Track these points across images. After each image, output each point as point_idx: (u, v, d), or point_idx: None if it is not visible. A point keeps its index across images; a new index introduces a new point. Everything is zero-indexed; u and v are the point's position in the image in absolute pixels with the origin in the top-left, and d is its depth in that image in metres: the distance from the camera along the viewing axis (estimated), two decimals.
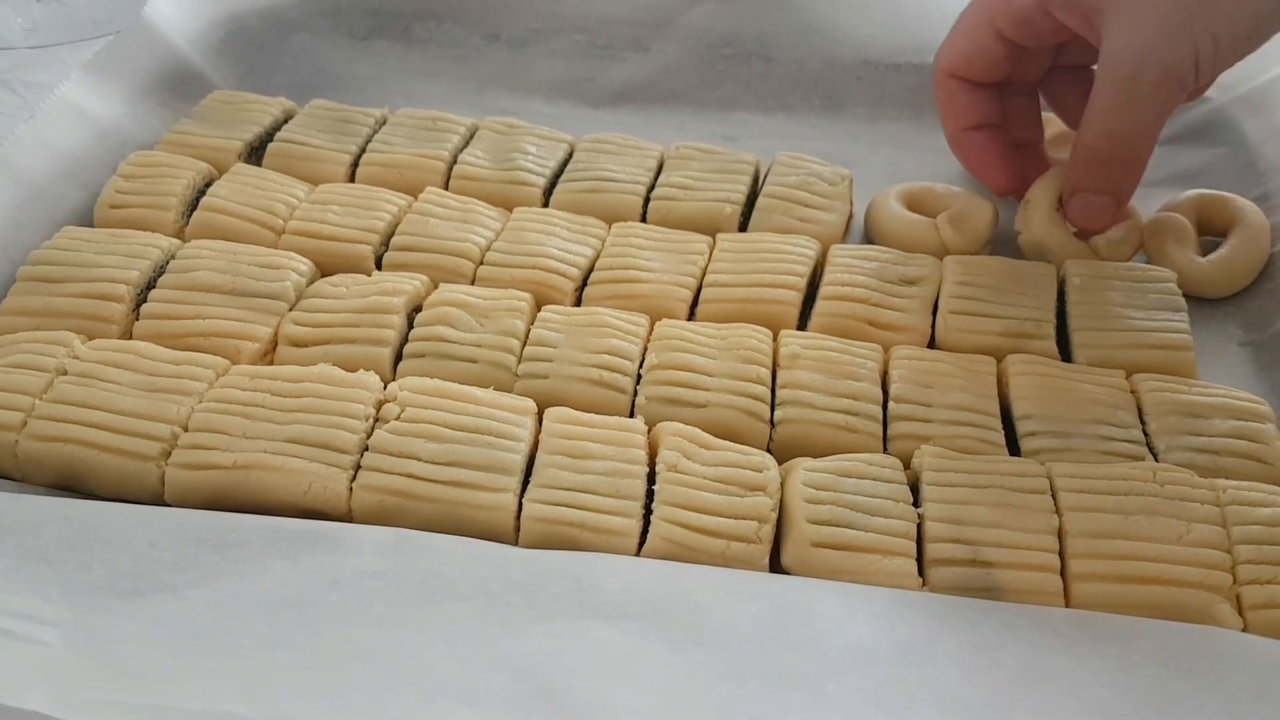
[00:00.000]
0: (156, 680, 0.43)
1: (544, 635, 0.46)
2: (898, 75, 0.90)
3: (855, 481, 0.55)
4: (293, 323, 0.63)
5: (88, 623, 0.45)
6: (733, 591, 0.49)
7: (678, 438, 0.56)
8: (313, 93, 0.85)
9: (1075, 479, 0.55)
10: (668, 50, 0.93)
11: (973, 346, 0.65)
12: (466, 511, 0.53)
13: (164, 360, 0.59)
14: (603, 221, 0.73)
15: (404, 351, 0.62)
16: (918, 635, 0.47)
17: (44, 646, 0.44)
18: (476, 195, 0.74)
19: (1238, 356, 0.69)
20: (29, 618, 0.45)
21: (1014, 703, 0.45)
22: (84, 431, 0.55)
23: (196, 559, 0.49)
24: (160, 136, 0.78)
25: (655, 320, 0.65)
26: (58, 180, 0.72)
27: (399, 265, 0.68)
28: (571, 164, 0.78)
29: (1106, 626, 0.49)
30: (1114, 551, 0.52)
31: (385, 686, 0.43)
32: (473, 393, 0.58)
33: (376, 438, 0.55)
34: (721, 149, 0.80)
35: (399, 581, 0.48)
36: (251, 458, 0.54)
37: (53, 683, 0.43)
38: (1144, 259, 0.74)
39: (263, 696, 0.43)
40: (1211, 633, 0.49)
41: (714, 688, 0.44)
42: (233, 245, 0.67)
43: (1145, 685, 0.46)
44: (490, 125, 0.81)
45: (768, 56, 0.92)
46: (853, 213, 0.77)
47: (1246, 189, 0.78)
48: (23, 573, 0.47)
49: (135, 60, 0.82)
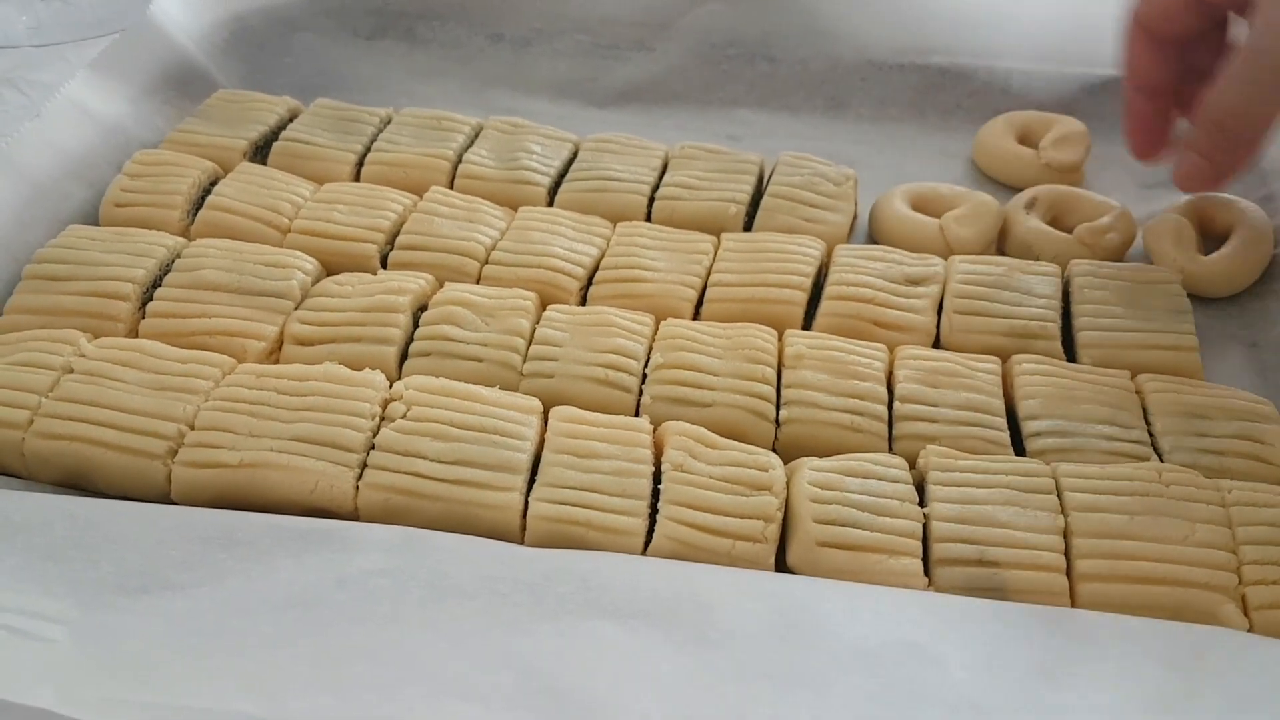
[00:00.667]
0: (164, 678, 0.43)
1: (550, 634, 0.46)
2: (901, 75, 0.90)
3: (861, 481, 0.55)
4: (298, 321, 0.63)
5: (95, 621, 0.45)
6: (739, 591, 0.49)
7: (683, 437, 0.56)
8: (317, 92, 0.85)
9: (1080, 479, 0.55)
10: (671, 50, 0.93)
11: (978, 346, 0.65)
12: (472, 510, 0.53)
13: (170, 359, 0.59)
14: (608, 221, 0.73)
15: (409, 350, 0.62)
16: (924, 635, 0.47)
17: (51, 644, 0.44)
18: (481, 194, 0.74)
19: (1242, 357, 0.69)
20: (36, 615, 0.45)
21: (1020, 703, 0.45)
22: (90, 430, 0.55)
23: (203, 557, 0.49)
24: (165, 135, 0.79)
25: (660, 320, 0.65)
26: (63, 179, 0.72)
27: (404, 264, 0.69)
28: (576, 163, 0.78)
29: (1112, 627, 0.49)
30: (1119, 552, 0.52)
31: (392, 685, 0.43)
32: (478, 392, 0.58)
33: (382, 436, 0.55)
34: (726, 149, 0.80)
35: (405, 580, 0.48)
36: (258, 456, 0.54)
37: (60, 680, 0.43)
38: (1146, 261, 0.74)
39: (270, 695, 0.43)
40: (1217, 633, 0.49)
41: (720, 687, 0.44)
42: (238, 244, 0.67)
43: (1151, 685, 0.46)
44: (495, 125, 0.81)
45: (772, 57, 0.92)
46: (857, 213, 0.77)
47: (1249, 191, 0.78)
48: (30, 571, 0.47)
49: (140, 59, 0.82)
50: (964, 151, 0.87)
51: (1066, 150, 0.81)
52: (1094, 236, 0.73)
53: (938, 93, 0.90)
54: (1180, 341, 0.65)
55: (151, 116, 0.81)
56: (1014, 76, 0.89)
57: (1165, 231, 0.74)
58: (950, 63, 0.90)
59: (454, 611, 0.47)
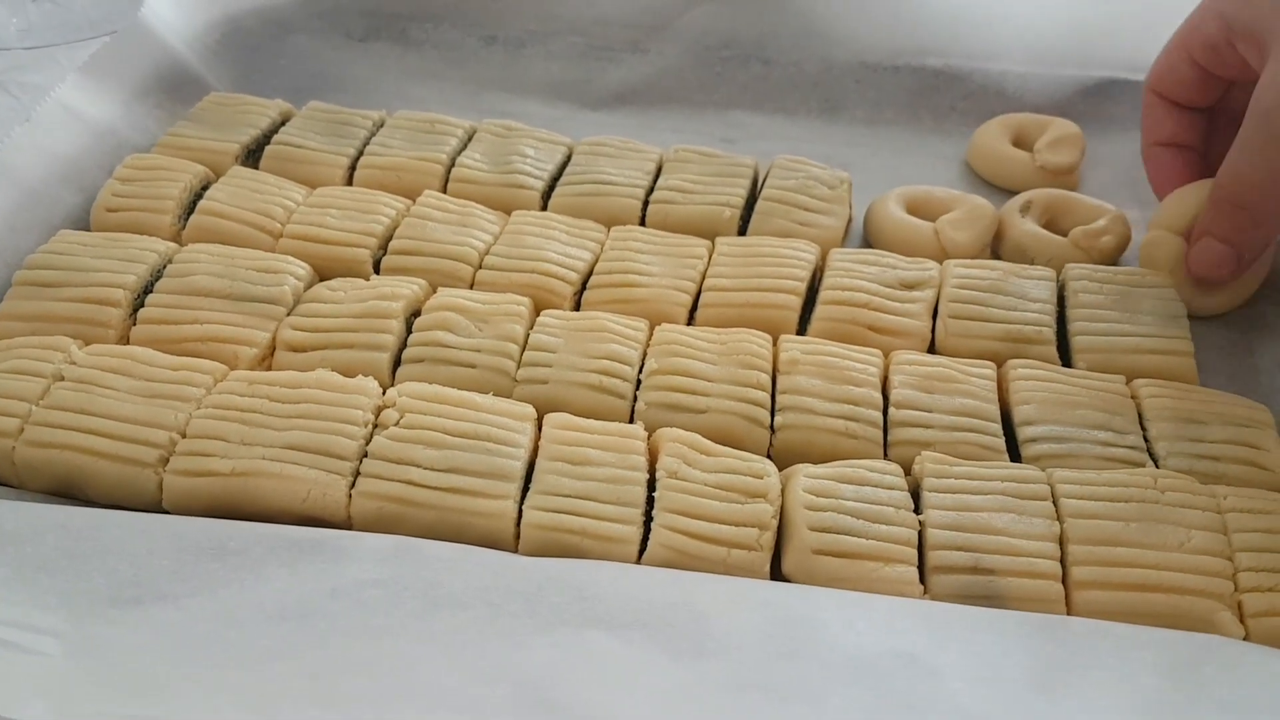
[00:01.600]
0: (156, 691, 0.43)
1: (546, 646, 0.46)
2: (896, 78, 0.90)
3: (856, 488, 0.55)
4: (291, 328, 0.63)
5: (87, 632, 0.45)
6: (734, 600, 0.49)
7: (678, 444, 0.56)
8: (310, 95, 0.84)
9: (1076, 485, 0.55)
10: (665, 52, 0.92)
11: (973, 351, 0.65)
12: (466, 518, 0.53)
13: (161, 366, 0.59)
14: (601, 225, 0.73)
15: (403, 356, 0.62)
16: (920, 644, 0.47)
17: (43, 657, 0.44)
18: (475, 198, 0.74)
19: (1237, 363, 0.69)
20: (28, 628, 0.45)
21: (1017, 713, 0.45)
22: (81, 438, 0.55)
23: (196, 567, 0.48)
24: (157, 139, 0.78)
25: (655, 325, 0.65)
26: (54, 183, 0.72)
27: (397, 269, 0.68)
28: (570, 167, 0.78)
29: (1109, 634, 0.48)
30: (1115, 558, 0.52)
31: (386, 699, 0.43)
32: (472, 398, 0.58)
33: (375, 444, 0.55)
34: (720, 152, 0.79)
35: (399, 591, 0.47)
36: (250, 464, 0.54)
37: (52, 694, 0.42)
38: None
39: (262, 708, 0.42)
40: (1213, 641, 0.49)
41: (715, 698, 0.44)
42: (230, 249, 0.67)
43: (1148, 693, 0.46)
44: (488, 128, 0.80)
45: (766, 59, 0.92)
46: (852, 216, 0.77)
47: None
48: (21, 582, 0.47)
49: (132, 62, 0.82)
50: (959, 154, 0.86)
51: (1061, 153, 0.81)
52: (1089, 240, 0.73)
53: (933, 95, 0.90)
54: (1175, 346, 0.65)
55: (143, 120, 0.80)
56: (1008, 79, 0.89)
57: (1160, 257, 0.72)
58: (945, 65, 0.90)
59: (449, 623, 0.46)
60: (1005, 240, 0.75)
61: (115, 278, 0.64)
